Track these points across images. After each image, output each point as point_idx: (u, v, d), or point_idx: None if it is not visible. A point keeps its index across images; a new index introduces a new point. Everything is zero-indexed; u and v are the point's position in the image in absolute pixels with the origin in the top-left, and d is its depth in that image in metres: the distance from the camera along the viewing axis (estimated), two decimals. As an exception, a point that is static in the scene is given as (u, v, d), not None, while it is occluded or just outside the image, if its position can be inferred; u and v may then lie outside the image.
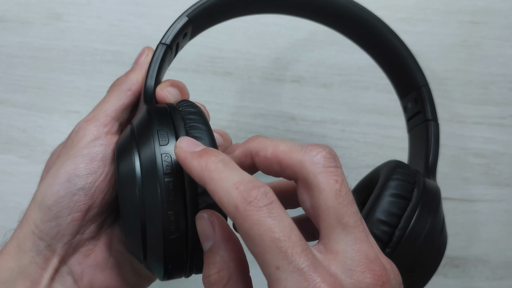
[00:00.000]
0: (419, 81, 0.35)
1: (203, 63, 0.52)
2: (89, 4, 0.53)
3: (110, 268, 0.29)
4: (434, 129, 0.34)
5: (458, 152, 0.52)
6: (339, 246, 0.21)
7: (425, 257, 0.28)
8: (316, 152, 0.22)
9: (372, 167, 0.38)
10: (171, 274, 0.26)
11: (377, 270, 0.21)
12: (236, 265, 0.22)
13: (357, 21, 0.36)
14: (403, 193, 0.29)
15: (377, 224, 0.28)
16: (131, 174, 0.25)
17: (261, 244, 0.19)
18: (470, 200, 0.51)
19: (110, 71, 0.51)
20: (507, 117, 0.53)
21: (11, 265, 0.27)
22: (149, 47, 0.32)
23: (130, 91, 0.30)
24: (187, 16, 0.31)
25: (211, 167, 0.21)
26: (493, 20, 0.55)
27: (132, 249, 0.26)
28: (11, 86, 0.51)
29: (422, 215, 0.28)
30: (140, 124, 0.26)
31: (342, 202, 0.21)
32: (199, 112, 0.27)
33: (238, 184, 0.20)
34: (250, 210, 0.19)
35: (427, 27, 0.54)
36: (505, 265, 0.51)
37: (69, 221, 0.27)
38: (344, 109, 0.52)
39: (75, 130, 0.29)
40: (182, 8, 0.54)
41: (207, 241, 0.23)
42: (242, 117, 0.51)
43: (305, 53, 0.53)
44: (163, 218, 0.24)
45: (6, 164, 0.49)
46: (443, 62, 0.54)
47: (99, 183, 0.27)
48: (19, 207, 0.48)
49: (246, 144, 0.24)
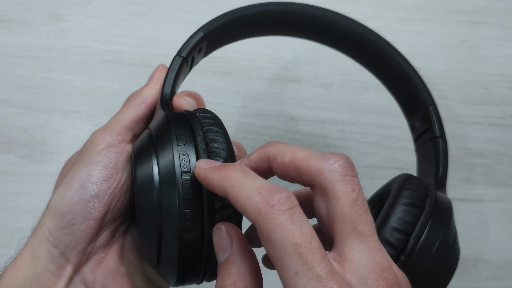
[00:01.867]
0: (426, 99, 0.36)
1: (203, 63, 0.52)
2: (89, 4, 0.53)
3: (121, 276, 0.29)
4: (443, 146, 0.35)
5: (458, 152, 0.52)
6: (353, 254, 0.21)
7: (439, 265, 0.29)
8: (334, 160, 0.22)
9: (372, 167, 0.38)
10: (184, 279, 0.26)
11: (390, 278, 0.21)
12: (252, 277, 0.22)
13: (364, 44, 0.37)
14: (417, 202, 0.29)
15: (392, 232, 0.28)
16: (149, 176, 0.25)
17: (282, 248, 0.19)
18: (470, 200, 0.51)
19: (110, 71, 0.51)
20: (507, 117, 0.53)
21: (25, 272, 0.27)
22: (163, 64, 0.33)
23: (144, 104, 0.31)
24: (202, 31, 0.32)
25: (231, 175, 0.22)
26: (493, 20, 0.55)
27: (146, 253, 0.26)
28: (11, 86, 0.51)
29: (436, 223, 0.29)
30: (158, 127, 0.27)
31: (358, 210, 0.21)
32: (216, 117, 0.28)
33: (260, 188, 0.20)
34: (273, 214, 0.20)
35: (426, 27, 0.54)
36: (505, 265, 0.51)
37: (83, 228, 0.27)
38: (344, 109, 0.52)
39: (89, 139, 0.29)
40: (182, 8, 0.54)
41: (224, 252, 0.23)
42: (242, 117, 0.51)
43: (305, 53, 0.53)
44: (180, 217, 0.24)
45: (6, 164, 0.49)
46: (443, 62, 0.54)
47: (112, 190, 0.27)
48: (19, 207, 0.48)
49: (264, 149, 0.24)
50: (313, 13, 0.36)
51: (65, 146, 0.50)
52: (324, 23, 0.37)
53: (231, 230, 0.23)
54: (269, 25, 0.37)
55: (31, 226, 0.29)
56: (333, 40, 0.38)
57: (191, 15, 0.53)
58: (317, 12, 0.36)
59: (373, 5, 0.55)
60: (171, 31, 0.53)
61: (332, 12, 0.37)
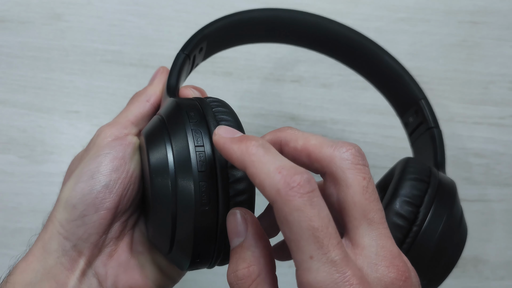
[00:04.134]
0: (418, 95, 0.37)
1: (202, 63, 0.52)
2: (89, 4, 0.53)
3: (132, 268, 0.29)
4: (438, 135, 0.36)
5: (458, 152, 0.52)
6: (365, 241, 0.21)
7: (449, 239, 0.30)
8: (346, 149, 0.22)
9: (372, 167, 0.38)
10: (198, 259, 0.26)
11: (401, 266, 0.21)
12: (266, 262, 0.22)
13: (351, 47, 0.38)
14: (422, 177, 0.31)
15: (402, 205, 0.29)
16: (163, 153, 0.25)
17: (299, 231, 0.20)
18: (470, 200, 0.52)
19: (110, 71, 0.51)
20: (507, 117, 0.53)
21: (35, 266, 0.27)
22: (164, 66, 0.34)
23: (148, 101, 0.31)
24: (202, 31, 0.33)
25: (252, 150, 0.21)
26: (492, 20, 0.55)
27: (158, 237, 0.26)
28: (11, 86, 0.51)
29: (443, 195, 0.30)
30: (169, 110, 0.27)
31: (368, 198, 0.22)
32: (224, 102, 0.28)
33: (281, 168, 0.20)
34: (293, 196, 0.20)
35: (426, 27, 0.54)
36: (505, 265, 0.51)
37: (95, 219, 0.27)
38: (344, 109, 0.52)
39: (96, 134, 0.29)
40: (182, 8, 0.54)
41: (238, 237, 0.23)
42: (242, 117, 0.51)
43: (305, 53, 0.53)
44: (195, 189, 0.24)
45: (6, 164, 0.49)
46: (442, 62, 0.54)
47: (122, 180, 0.28)
48: (19, 207, 0.48)
49: (277, 133, 0.24)
50: (294, 17, 0.37)
51: (65, 146, 0.50)
52: (309, 27, 0.38)
53: (247, 215, 0.23)
54: (263, 32, 0.38)
55: (31, 226, 0.29)
56: (320, 45, 0.39)
57: (191, 15, 0.53)
58: (300, 16, 0.37)
59: (373, 5, 0.55)
60: (171, 31, 0.53)
61: (317, 16, 0.37)
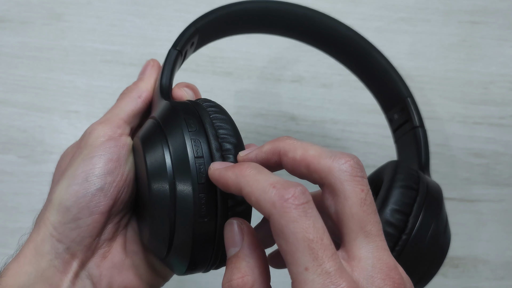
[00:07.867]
0: (404, 92, 0.37)
1: (202, 63, 0.52)
2: (89, 4, 0.53)
3: (127, 269, 0.29)
4: (423, 135, 0.36)
5: (458, 152, 0.52)
6: (361, 253, 0.21)
7: (436, 244, 0.31)
8: (344, 160, 0.22)
9: (372, 167, 0.38)
10: (195, 266, 0.26)
11: (396, 278, 0.21)
12: (260, 272, 0.22)
13: (340, 41, 0.38)
14: (411, 184, 0.31)
15: (393, 213, 0.30)
16: (161, 162, 0.25)
17: (295, 243, 0.20)
18: (470, 200, 0.51)
19: (110, 71, 0.51)
20: (507, 117, 0.53)
21: (28, 269, 0.26)
22: (154, 59, 0.33)
23: (140, 98, 0.31)
24: (194, 26, 0.33)
25: (246, 172, 0.22)
26: (492, 20, 0.55)
27: (155, 243, 0.26)
28: (11, 86, 0.51)
29: (430, 204, 0.31)
30: (166, 115, 0.27)
31: (366, 210, 0.22)
32: (219, 106, 0.28)
33: (275, 183, 0.21)
34: (288, 207, 0.20)
35: (426, 27, 0.54)
36: (505, 265, 0.51)
37: (89, 222, 0.27)
38: (344, 109, 0.52)
39: (87, 131, 0.29)
40: (182, 8, 0.54)
41: (234, 247, 0.23)
42: (242, 117, 0.51)
43: (305, 53, 0.53)
44: (194, 201, 0.24)
45: (6, 164, 0.49)
46: (442, 62, 0.54)
47: (117, 183, 0.27)
48: (19, 207, 0.48)
49: (276, 143, 0.24)
50: (283, 9, 0.37)
51: (65, 146, 0.50)
52: (297, 19, 0.37)
53: (243, 226, 0.24)
54: (255, 22, 0.38)
55: (31, 226, 0.29)
56: (308, 36, 0.39)
57: (191, 15, 0.53)
58: (289, 8, 0.37)
59: (373, 5, 0.55)
60: (171, 31, 0.53)
61: (305, 8, 0.37)
